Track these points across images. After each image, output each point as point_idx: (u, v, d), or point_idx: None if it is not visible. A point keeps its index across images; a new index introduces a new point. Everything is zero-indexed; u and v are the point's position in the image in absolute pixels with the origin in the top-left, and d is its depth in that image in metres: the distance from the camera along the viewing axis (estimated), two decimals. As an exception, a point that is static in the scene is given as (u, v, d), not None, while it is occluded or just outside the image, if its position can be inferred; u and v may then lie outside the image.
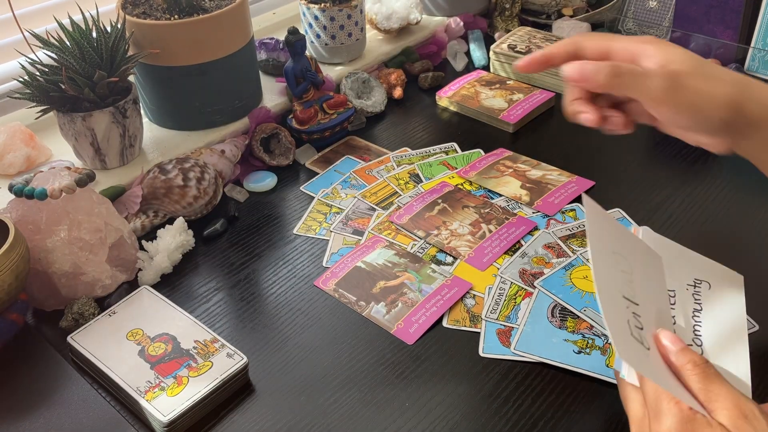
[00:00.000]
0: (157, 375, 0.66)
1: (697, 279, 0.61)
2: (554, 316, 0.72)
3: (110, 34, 0.86)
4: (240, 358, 0.67)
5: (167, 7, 0.95)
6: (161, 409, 0.62)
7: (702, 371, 0.51)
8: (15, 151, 0.91)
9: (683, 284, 0.61)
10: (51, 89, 0.84)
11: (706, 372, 0.51)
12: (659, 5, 1.17)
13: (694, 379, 0.51)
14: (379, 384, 0.67)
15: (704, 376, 0.51)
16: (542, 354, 0.68)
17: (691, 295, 0.61)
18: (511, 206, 0.87)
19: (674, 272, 0.61)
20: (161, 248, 0.80)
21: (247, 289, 0.78)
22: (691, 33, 1.13)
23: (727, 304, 0.60)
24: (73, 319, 0.73)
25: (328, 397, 0.66)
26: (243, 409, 0.65)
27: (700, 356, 0.53)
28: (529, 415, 0.63)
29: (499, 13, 1.25)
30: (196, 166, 0.87)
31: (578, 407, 0.64)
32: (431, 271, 0.78)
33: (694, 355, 0.53)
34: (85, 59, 0.84)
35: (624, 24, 1.20)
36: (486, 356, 0.69)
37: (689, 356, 0.53)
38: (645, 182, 0.90)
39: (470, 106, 1.06)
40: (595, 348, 0.68)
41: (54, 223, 0.74)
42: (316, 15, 1.08)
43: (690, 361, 0.52)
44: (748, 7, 1.08)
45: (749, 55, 1.09)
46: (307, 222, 0.88)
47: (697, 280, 0.61)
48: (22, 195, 0.73)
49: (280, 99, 1.06)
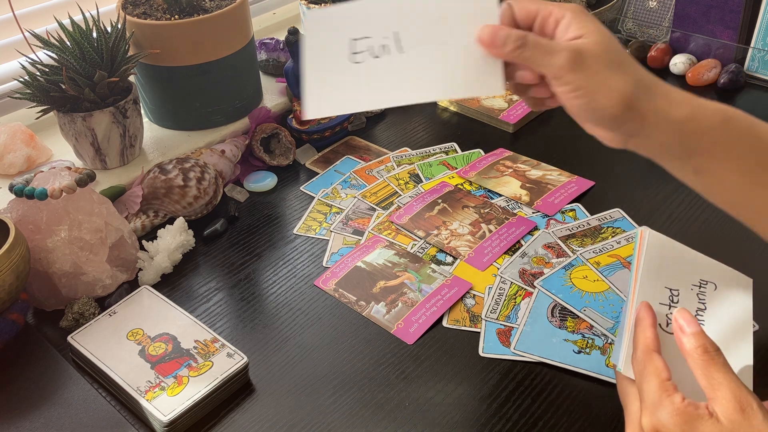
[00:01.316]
0: (158, 375, 0.66)
1: (703, 280, 0.61)
2: (554, 316, 0.72)
3: (111, 34, 0.86)
4: (240, 358, 0.67)
5: (168, 7, 0.95)
6: (161, 409, 0.62)
7: (710, 358, 0.51)
8: (15, 151, 0.91)
9: (688, 284, 0.61)
10: (51, 89, 0.84)
11: (714, 359, 0.51)
12: (659, 5, 1.17)
13: (700, 364, 0.51)
14: (379, 384, 0.67)
15: (711, 363, 0.50)
16: (542, 354, 0.68)
17: (696, 295, 0.60)
18: (511, 206, 0.87)
19: (679, 273, 0.61)
20: (161, 248, 0.81)
21: (248, 289, 0.78)
22: (691, 33, 1.13)
23: (733, 306, 0.60)
24: (73, 319, 0.73)
25: (328, 396, 0.66)
26: (243, 408, 0.65)
27: (712, 343, 0.52)
28: (529, 414, 0.63)
29: (499, 13, 1.25)
30: (196, 166, 0.87)
31: (578, 407, 0.64)
32: (431, 271, 0.78)
33: (706, 340, 0.52)
34: (86, 59, 0.84)
35: (624, 24, 1.20)
36: (486, 356, 0.69)
37: (701, 341, 0.52)
38: (645, 182, 0.90)
39: (470, 106, 1.06)
40: (595, 348, 0.68)
41: (54, 223, 0.74)
42: (317, 15, 1.09)
43: (700, 345, 0.51)
44: (748, 7, 1.08)
45: (749, 55, 1.09)
46: (307, 222, 0.88)
47: (703, 281, 0.61)
48: (23, 195, 0.73)
49: (281, 99, 1.06)
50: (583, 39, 0.53)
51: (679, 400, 0.49)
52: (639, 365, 0.53)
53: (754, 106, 1.05)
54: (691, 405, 0.49)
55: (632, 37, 1.19)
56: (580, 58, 0.52)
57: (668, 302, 0.59)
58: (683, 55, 1.12)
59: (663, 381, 0.51)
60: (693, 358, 0.51)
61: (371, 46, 0.58)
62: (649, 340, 0.54)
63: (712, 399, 0.49)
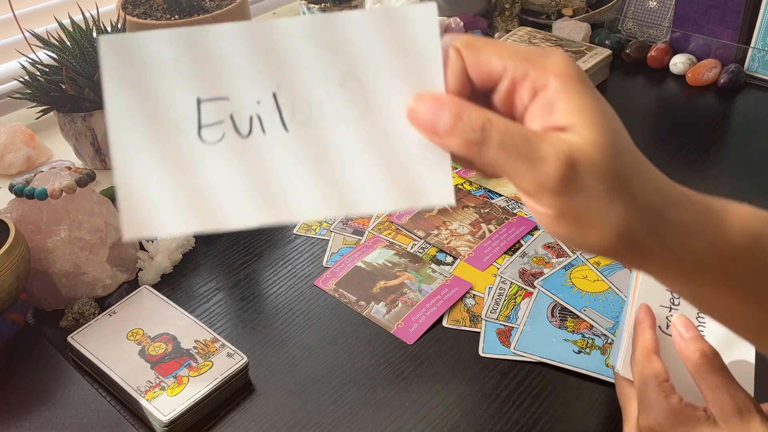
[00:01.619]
0: (158, 375, 0.66)
1: None
2: (554, 316, 0.72)
3: (111, 34, 0.86)
4: (240, 358, 0.67)
5: (167, 7, 0.95)
6: (161, 409, 0.62)
7: (708, 362, 0.51)
8: (15, 151, 0.91)
9: None
10: (51, 89, 0.84)
11: (712, 363, 0.50)
12: (659, 5, 1.17)
13: (699, 368, 0.51)
14: (379, 384, 0.67)
15: (709, 367, 0.50)
16: (542, 354, 0.68)
17: None
18: (511, 206, 0.87)
19: None
20: (161, 248, 0.81)
21: (248, 289, 0.78)
22: (691, 33, 1.13)
23: None
24: (73, 319, 0.73)
25: (328, 396, 0.66)
26: (243, 408, 0.65)
27: (710, 347, 0.52)
28: (529, 414, 0.63)
29: (499, 13, 1.25)
30: (196, 166, 0.87)
31: (578, 407, 0.64)
32: (431, 270, 0.78)
33: (704, 345, 0.52)
34: (86, 59, 0.84)
35: (624, 24, 1.20)
36: (486, 356, 0.69)
37: (699, 345, 0.52)
38: (645, 182, 0.89)
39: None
40: (595, 348, 0.68)
41: (54, 223, 0.74)
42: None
43: (698, 350, 0.51)
44: (748, 7, 1.08)
45: (749, 55, 1.09)
46: (307, 222, 0.88)
47: None
48: (23, 195, 0.73)
49: (280, 99, 1.06)
50: (576, 134, 0.33)
51: (676, 402, 0.49)
52: (638, 367, 0.53)
53: (754, 106, 1.05)
54: (689, 407, 0.49)
55: (632, 37, 1.18)
56: (573, 174, 0.33)
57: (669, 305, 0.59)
58: (683, 55, 1.12)
59: (661, 382, 0.51)
60: (691, 362, 0.51)
61: (233, 115, 0.35)
62: (648, 341, 0.54)
63: (710, 402, 0.49)
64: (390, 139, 0.36)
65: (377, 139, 0.36)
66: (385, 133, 0.36)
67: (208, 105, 0.35)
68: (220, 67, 0.35)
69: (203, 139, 0.35)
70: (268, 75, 0.35)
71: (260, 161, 0.35)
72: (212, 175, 0.35)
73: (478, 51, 0.35)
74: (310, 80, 0.35)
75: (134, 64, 0.34)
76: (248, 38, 0.35)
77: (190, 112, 0.35)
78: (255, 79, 0.35)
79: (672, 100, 1.09)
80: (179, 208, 0.35)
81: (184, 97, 0.35)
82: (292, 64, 0.35)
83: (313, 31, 0.35)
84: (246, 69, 0.35)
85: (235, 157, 0.35)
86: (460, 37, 0.35)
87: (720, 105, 1.06)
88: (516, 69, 0.34)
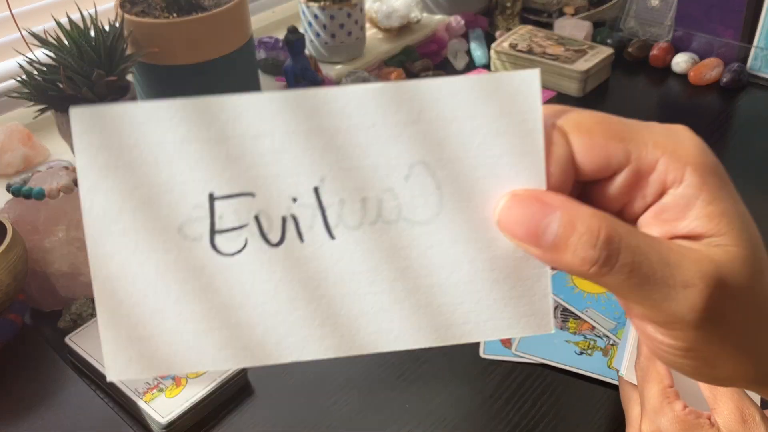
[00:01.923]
0: (156, 376, 0.65)
1: None
2: (555, 317, 0.71)
3: (108, 32, 0.86)
4: (239, 360, 0.66)
5: (166, 5, 0.94)
6: (160, 411, 0.62)
7: None
8: (12, 151, 0.90)
9: None
10: (49, 88, 0.84)
11: None
12: (661, 4, 1.16)
13: None
14: (379, 385, 0.67)
15: None
16: (543, 355, 0.68)
17: None
18: (512, 206, 0.87)
19: None
20: (160, 248, 0.80)
21: (247, 290, 0.78)
22: (694, 32, 1.13)
23: None
24: (71, 320, 0.73)
25: (327, 398, 0.66)
26: (242, 410, 0.65)
27: None
28: (530, 416, 0.63)
29: (500, 11, 1.25)
30: (195, 165, 0.87)
31: (580, 409, 0.63)
32: (432, 271, 0.78)
33: None
34: (84, 58, 0.84)
35: (626, 23, 1.20)
36: (487, 357, 0.68)
37: None
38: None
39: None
40: (597, 349, 0.68)
41: (52, 223, 0.73)
42: (316, 13, 1.08)
43: None
44: (750, 6, 1.07)
45: (752, 54, 1.09)
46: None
47: None
48: (20, 195, 0.73)
49: (280, 98, 1.06)
50: (718, 247, 0.26)
51: (680, 408, 0.49)
52: (642, 371, 0.53)
53: (757, 105, 1.05)
54: (693, 413, 0.48)
55: (634, 35, 1.18)
56: (721, 302, 0.26)
57: None
58: (685, 54, 1.11)
59: (665, 388, 0.50)
60: None
61: (260, 217, 0.27)
62: None
63: (714, 410, 0.49)
64: (469, 250, 0.28)
65: (451, 249, 0.28)
66: (463, 241, 0.28)
67: (225, 203, 0.27)
68: (242, 153, 0.26)
69: (218, 249, 0.27)
70: (309, 163, 0.26)
71: (297, 278, 0.27)
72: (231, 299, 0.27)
73: (591, 134, 0.27)
74: (367, 170, 0.27)
75: (120, 147, 0.26)
76: (283, 113, 0.26)
77: (199, 213, 0.27)
78: (292, 168, 0.26)
79: (674, 99, 1.08)
80: (184, 343, 0.27)
81: (192, 194, 0.26)
82: (344, 148, 0.26)
83: (375, 103, 0.26)
84: (279, 155, 0.26)
85: (262, 274, 0.27)
86: (564, 116, 0.27)
87: (722, 104, 1.05)
88: (644, 158, 0.26)
